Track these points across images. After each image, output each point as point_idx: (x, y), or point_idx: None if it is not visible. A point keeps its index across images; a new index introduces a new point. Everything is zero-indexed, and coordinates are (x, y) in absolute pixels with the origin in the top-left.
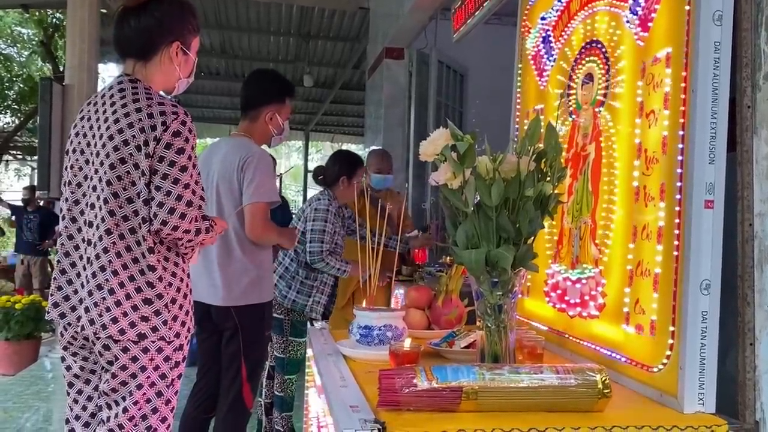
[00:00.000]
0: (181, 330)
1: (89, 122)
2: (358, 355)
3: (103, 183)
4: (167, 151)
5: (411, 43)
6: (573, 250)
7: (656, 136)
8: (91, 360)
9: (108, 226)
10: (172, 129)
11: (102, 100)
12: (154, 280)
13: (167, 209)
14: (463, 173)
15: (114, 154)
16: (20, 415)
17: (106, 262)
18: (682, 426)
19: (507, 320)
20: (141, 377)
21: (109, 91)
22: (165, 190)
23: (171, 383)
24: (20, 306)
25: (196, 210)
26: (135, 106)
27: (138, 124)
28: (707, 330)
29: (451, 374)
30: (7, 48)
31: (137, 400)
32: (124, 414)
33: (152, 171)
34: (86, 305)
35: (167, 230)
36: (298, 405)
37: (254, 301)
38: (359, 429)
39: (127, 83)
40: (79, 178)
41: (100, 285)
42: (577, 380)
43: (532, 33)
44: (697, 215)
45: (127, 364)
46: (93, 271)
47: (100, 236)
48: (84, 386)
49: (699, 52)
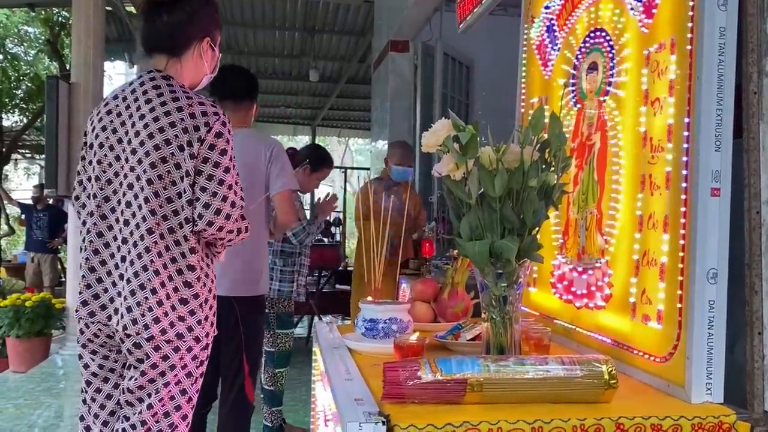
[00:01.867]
0: (210, 330)
1: (120, 118)
2: (363, 348)
3: (143, 181)
4: (211, 152)
5: (416, 36)
6: (579, 241)
7: (661, 124)
8: (111, 358)
9: (150, 225)
10: (215, 130)
11: (133, 96)
12: (193, 280)
13: (213, 210)
14: (465, 164)
15: (155, 153)
16: (32, 412)
17: (148, 261)
18: (690, 416)
19: (512, 312)
20: (169, 375)
21: (140, 87)
22: (211, 191)
23: (195, 381)
24: (30, 304)
25: (239, 210)
26: (175, 105)
27: (180, 123)
28: (714, 319)
29: (456, 366)
30: (15, 47)
31: (162, 397)
32: (149, 410)
33: (196, 172)
34: (129, 304)
35: (212, 230)
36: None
37: (254, 293)
38: (363, 422)
39: (160, 80)
40: (109, 175)
41: (143, 285)
42: (583, 371)
43: (536, 22)
44: (703, 203)
45: (157, 363)
46: (135, 270)
47: (141, 235)
48: (103, 384)
49: (704, 38)
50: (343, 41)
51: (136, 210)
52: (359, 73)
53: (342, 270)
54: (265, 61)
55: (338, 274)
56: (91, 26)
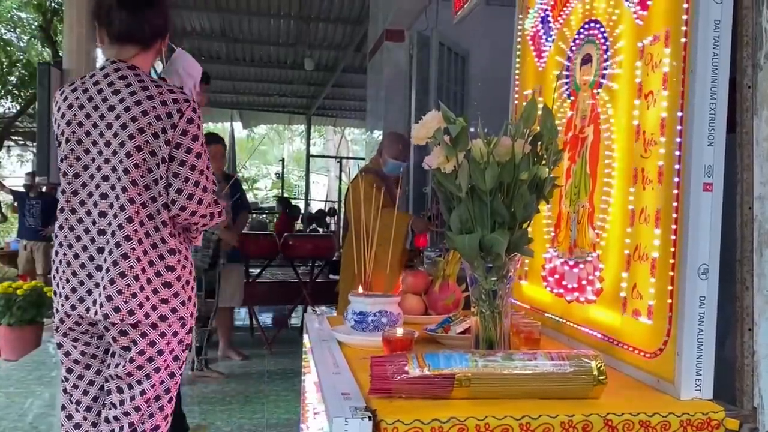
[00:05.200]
0: (194, 310)
1: (83, 110)
2: (352, 341)
3: (119, 172)
4: (183, 137)
5: (411, 25)
6: (571, 235)
7: (655, 117)
8: (93, 344)
9: (129, 213)
10: (187, 116)
11: (96, 87)
12: (175, 263)
13: (186, 195)
14: (456, 157)
15: (130, 143)
16: (23, 401)
17: (129, 249)
18: (679, 413)
19: (501, 306)
20: (158, 360)
21: (105, 78)
22: (183, 176)
23: (181, 365)
24: (22, 292)
25: (211, 195)
26: (145, 93)
27: (152, 111)
28: (705, 315)
29: (444, 361)
30: (7, 33)
31: (154, 383)
32: (142, 396)
33: (169, 158)
34: (109, 293)
35: (185, 215)
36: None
37: None
38: (349, 416)
39: (126, 70)
40: (76, 168)
41: (124, 272)
42: (572, 367)
43: (530, 13)
44: (695, 198)
45: (145, 349)
46: (114, 259)
47: (120, 224)
48: (84, 371)
49: (698, 31)
50: (338, 30)
51: (113, 200)
52: (355, 62)
53: (336, 260)
54: (260, 49)
55: (332, 264)
56: (83, 13)
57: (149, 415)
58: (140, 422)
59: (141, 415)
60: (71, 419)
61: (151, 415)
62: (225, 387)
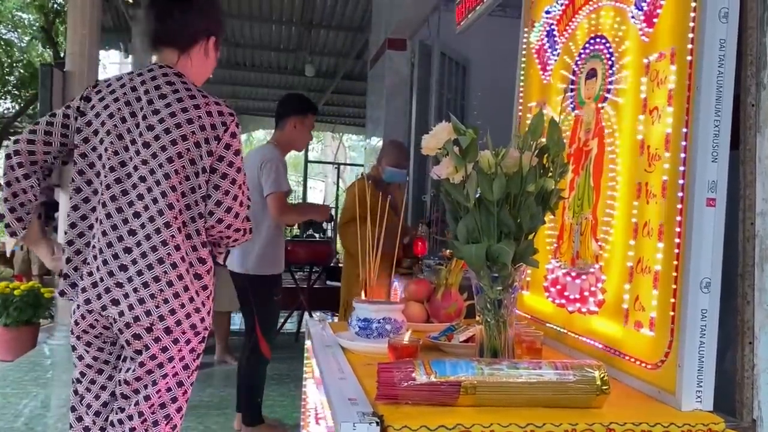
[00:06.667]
0: (209, 321)
1: (129, 107)
2: (356, 347)
3: (158, 175)
4: (227, 151)
5: (414, 35)
6: (573, 246)
7: (659, 132)
8: (106, 350)
9: (167, 218)
10: (231, 130)
11: (144, 87)
12: (203, 273)
13: (224, 208)
14: (465, 167)
15: (172, 148)
16: (18, 401)
17: (165, 254)
18: (680, 423)
19: (506, 315)
20: (167, 367)
21: (152, 81)
22: (224, 189)
23: (191, 374)
24: (19, 292)
25: (246, 210)
26: (192, 102)
27: (198, 121)
28: (706, 328)
29: (450, 369)
30: (8, 33)
31: (160, 389)
32: (146, 402)
33: (211, 169)
34: (141, 296)
35: (221, 227)
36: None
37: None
38: (357, 422)
39: (173, 76)
40: (112, 163)
41: (158, 277)
42: (576, 376)
43: (536, 27)
44: (698, 213)
45: (156, 354)
46: (149, 263)
47: (156, 228)
48: (97, 376)
49: (704, 50)
50: (340, 37)
51: (149, 203)
52: (355, 69)
53: (333, 266)
54: (261, 54)
55: (329, 270)
56: (87, 15)
57: (153, 423)
58: (143, 429)
59: (143, 421)
60: (81, 421)
61: (155, 423)
62: (220, 392)
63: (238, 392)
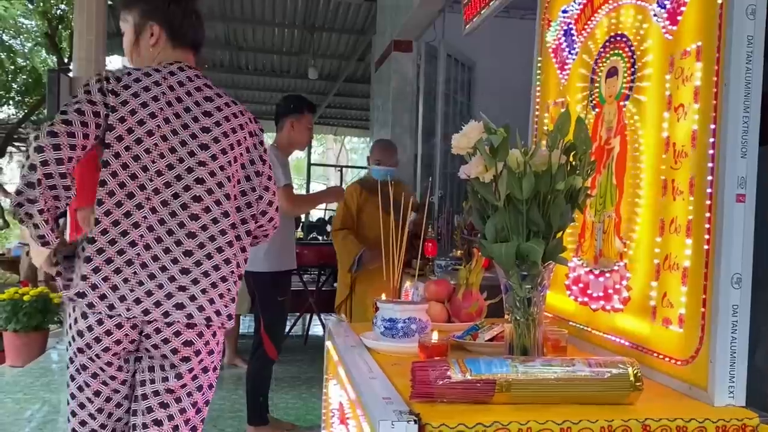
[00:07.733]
0: None
1: (172, 108)
2: (383, 347)
3: (220, 177)
4: (265, 154)
5: (419, 37)
6: (596, 244)
7: (685, 129)
8: (124, 369)
9: (233, 220)
10: (261, 136)
11: (184, 89)
12: (242, 274)
13: (275, 207)
14: (495, 167)
15: (230, 152)
16: (30, 407)
17: (231, 255)
18: (714, 419)
19: (536, 313)
20: (210, 369)
21: (189, 81)
22: (272, 190)
23: (212, 391)
24: (28, 298)
25: None
26: (237, 108)
27: (246, 127)
28: (738, 324)
29: (485, 367)
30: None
31: (204, 390)
32: (193, 407)
33: (257, 173)
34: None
35: (271, 226)
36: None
37: (264, 269)
38: (396, 420)
39: (204, 78)
40: (158, 166)
41: (225, 277)
42: (610, 373)
43: (552, 26)
44: (728, 209)
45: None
46: (215, 263)
47: (222, 230)
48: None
49: (732, 46)
50: (342, 39)
51: (210, 204)
52: (358, 72)
53: None
54: (264, 57)
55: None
56: (93, 20)
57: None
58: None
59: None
60: (85, 425)
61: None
62: (232, 395)
63: None
